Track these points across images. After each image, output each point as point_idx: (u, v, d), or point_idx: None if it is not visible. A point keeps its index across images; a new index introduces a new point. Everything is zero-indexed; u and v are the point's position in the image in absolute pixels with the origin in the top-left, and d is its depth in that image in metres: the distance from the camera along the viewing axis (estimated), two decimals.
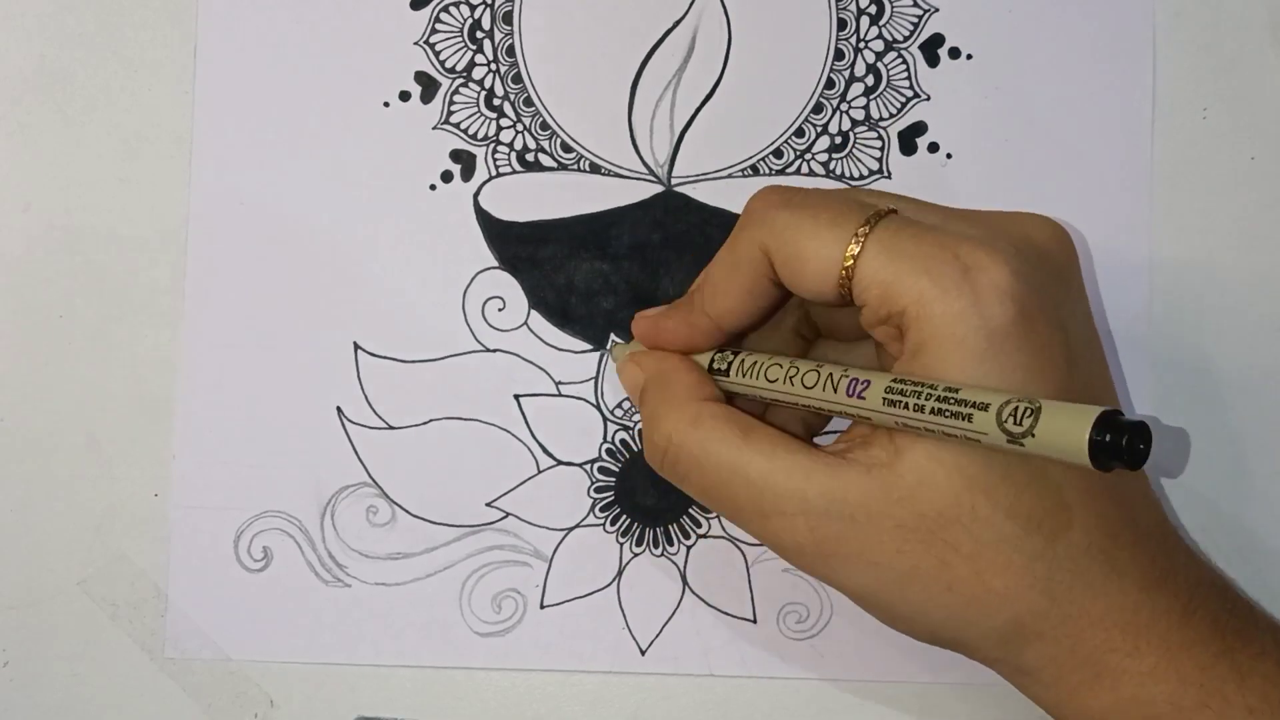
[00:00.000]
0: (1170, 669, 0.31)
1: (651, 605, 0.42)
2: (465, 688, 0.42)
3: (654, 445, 0.35)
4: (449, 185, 0.42)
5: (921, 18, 0.42)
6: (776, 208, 0.33)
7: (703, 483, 0.34)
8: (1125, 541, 0.32)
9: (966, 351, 0.30)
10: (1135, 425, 0.27)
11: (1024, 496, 0.30)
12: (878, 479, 0.31)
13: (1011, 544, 0.30)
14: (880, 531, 0.31)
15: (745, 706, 0.41)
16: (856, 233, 0.32)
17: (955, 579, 0.31)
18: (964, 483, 0.30)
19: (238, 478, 0.42)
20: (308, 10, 0.42)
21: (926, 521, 0.31)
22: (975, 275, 0.30)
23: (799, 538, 0.32)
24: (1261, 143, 0.42)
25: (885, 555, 0.31)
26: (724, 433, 0.33)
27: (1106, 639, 0.31)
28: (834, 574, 0.32)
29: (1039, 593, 0.31)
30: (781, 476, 0.32)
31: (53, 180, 0.42)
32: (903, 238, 0.31)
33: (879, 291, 0.31)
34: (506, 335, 0.42)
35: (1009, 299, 0.30)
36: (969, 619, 0.31)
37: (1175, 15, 0.42)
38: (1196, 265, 0.42)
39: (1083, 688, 0.31)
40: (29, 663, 0.42)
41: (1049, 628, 0.31)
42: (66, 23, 0.43)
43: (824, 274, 0.32)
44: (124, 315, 0.42)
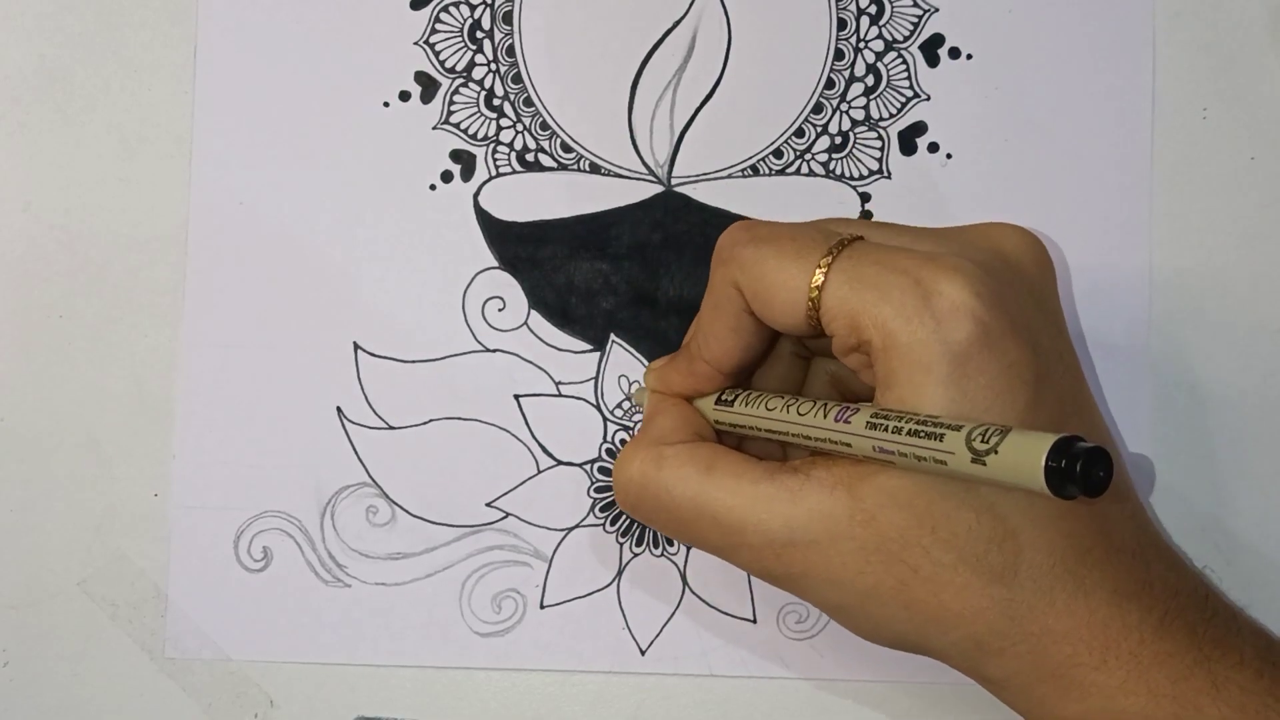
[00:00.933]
0: (1140, 683, 0.31)
1: (651, 605, 0.42)
2: (465, 688, 0.42)
3: (621, 488, 0.35)
4: (449, 185, 0.42)
5: (921, 18, 0.42)
6: (743, 244, 0.34)
7: (670, 522, 0.34)
8: (1095, 558, 0.31)
9: (934, 377, 0.30)
10: (1091, 452, 0.27)
11: (984, 517, 0.31)
12: (840, 501, 0.31)
13: (970, 565, 0.31)
14: (842, 553, 0.31)
15: (745, 706, 0.41)
16: (820, 263, 0.32)
17: (913, 599, 0.31)
18: (924, 505, 0.31)
19: (238, 478, 0.42)
20: (308, 10, 0.42)
21: (888, 543, 0.31)
22: (935, 300, 0.30)
23: (767, 565, 0.33)
24: (1261, 143, 0.42)
25: (847, 575, 0.32)
26: (685, 471, 0.34)
27: (1072, 654, 0.31)
28: (802, 592, 0.33)
29: (997, 613, 0.31)
30: (744, 511, 0.32)
31: (53, 180, 0.42)
32: (864, 264, 0.32)
33: (845, 321, 0.31)
34: (506, 335, 0.42)
35: (970, 319, 0.30)
36: (928, 634, 0.32)
37: (1175, 15, 0.42)
38: (1196, 265, 0.42)
39: (1050, 699, 0.32)
40: (29, 663, 0.42)
41: (1009, 645, 0.31)
42: (66, 23, 0.43)
43: (792, 305, 0.32)
44: (124, 315, 0.42)
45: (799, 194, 0.42)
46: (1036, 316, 0.33)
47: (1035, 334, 0.32)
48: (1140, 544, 0.33)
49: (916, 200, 0.42)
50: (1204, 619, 0.32)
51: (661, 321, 0.42)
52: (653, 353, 0.42)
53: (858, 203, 0.42)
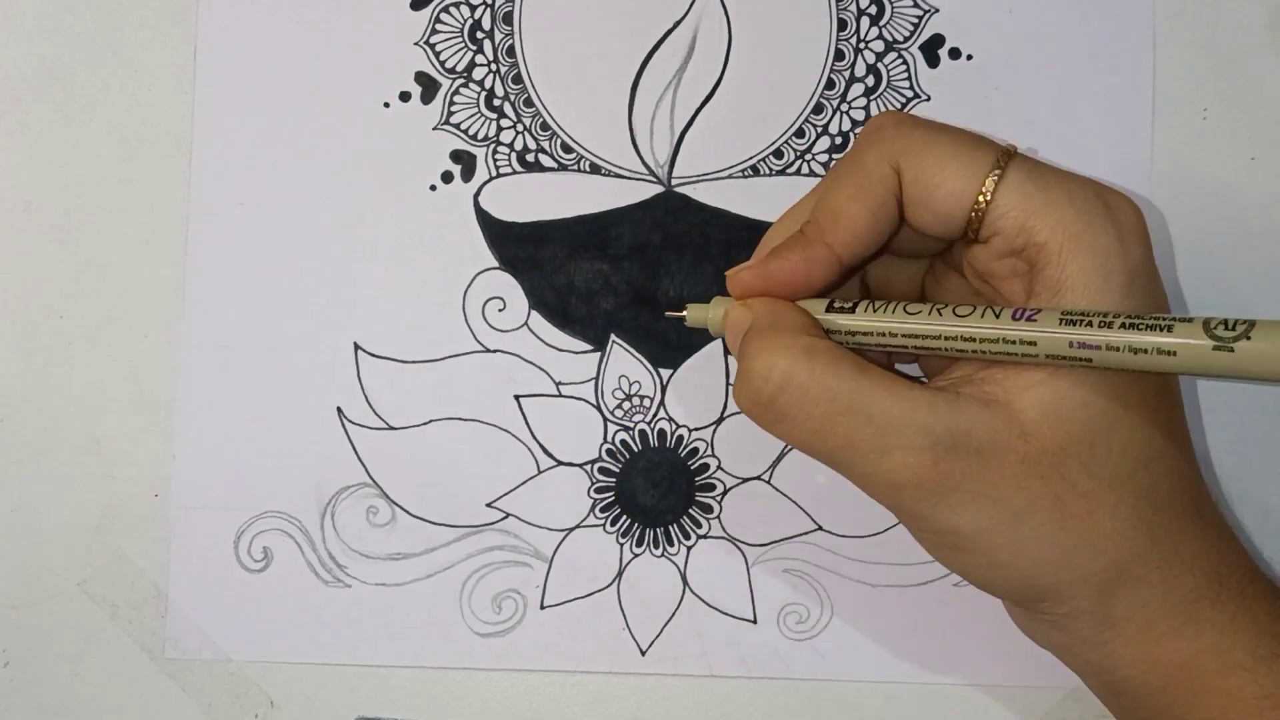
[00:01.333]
0: (1248, 618, 0.31)
1: (651, 605, 0.42)
2: (465, 688, 0.42)
3: (760, 380, 0.32)
4: (449, 186, 0.42)
5: (922, 18, 0.42)
6: (912, 126, 0.33)
7: (814, 420, 0.31)
8: (1204, 495, 0.32)
9: (1113, 285, 0.30)
10: None
11: (1137, 435, 0.31)
12: (1000, 414, 0.31)
13: (1123, 483, 0.31)
14: (1003, 466, 0.31)
15: (745, 707, 0.41)
16: (997, 160, 0.31)
17: (1069, 516, 0.31)
18: (1085, 417, 0.31)
19: (238, 478, 0.42)
20: (308, 10, 0.42)
21: (1048, 456, 0.31)
22: (1117, 214, 0.31)
23: (921, 472, 0.31)
24: (1261, 143, 0.42)
25: (1005, 491, 0.31)
26: (840, 367, 0.31)
27: (1195, 585, 0.31)
28: (947, 511, 0.31)
29: (1142, 535, 0.31)
30: (904, 410, 0.31)
31: (53, 180, 0.42)
32: (1042, 172, 0.32)
33: (1016, 220, 0.31)
34: (506, 335, 0.42)
35: (1144, 242, 0.31)
36: (1075, 561, 0.31)
37: (1175, 15, 0.42)
38: (1196, 266, 0.42)
39: (1167, 637, 0.32)
40: (29, 663, 0.42)
41: (1148, 571, 0.31)
42: (66, 23, 0.42)
43: (958, 199, 0.32)
44: (124, 315, 0.42)
45: (800, 194, 0.42)
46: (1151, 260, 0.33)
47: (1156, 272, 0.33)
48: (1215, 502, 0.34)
49: None
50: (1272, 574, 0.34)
51: (661, 321, 0.42)
52: (653, 353, 0.42)
53: None
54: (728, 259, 0.42)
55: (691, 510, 0.42)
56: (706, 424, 0.42)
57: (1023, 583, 0.32)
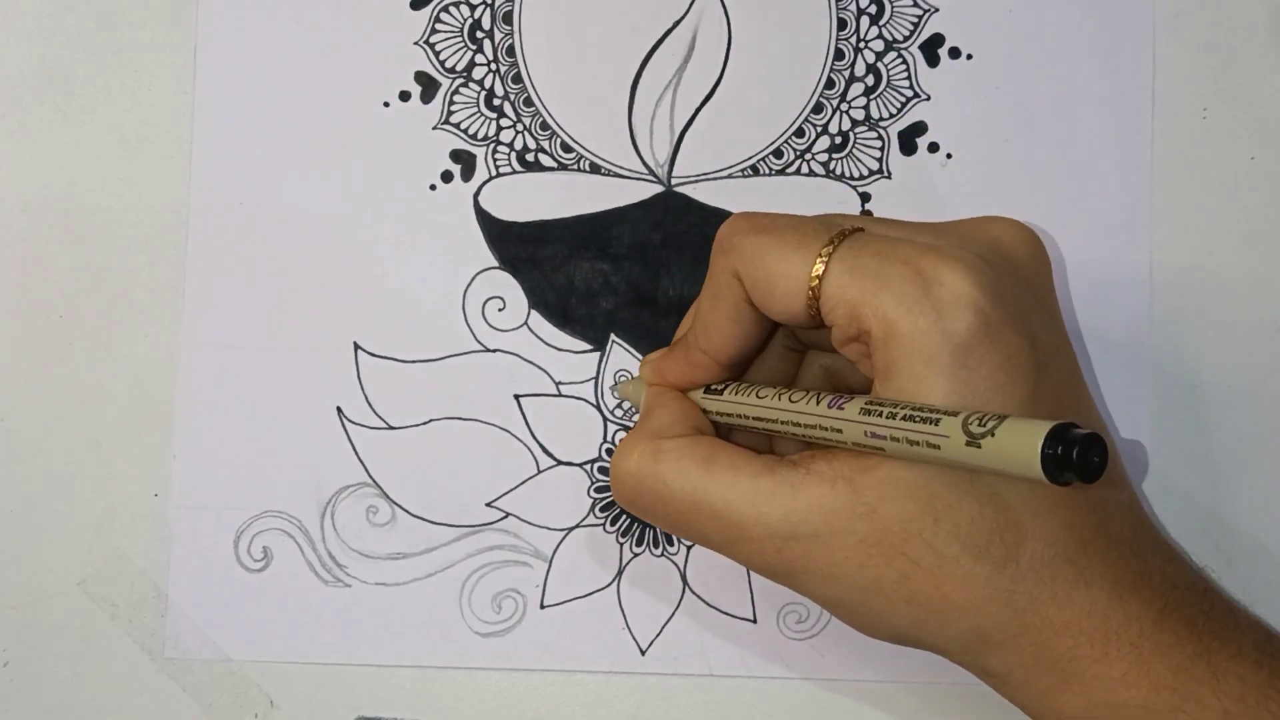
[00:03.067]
0: (1142, 674, 0.31)
1: (651, 605, 0.42)
2: (465, 688, 0.42)
3: (618, 482, 0.35)
4: (449, 185, 0.42)
5: (921, 18, 0.42)
6: (743, 233, 0.33)
7: (667, 516, 0.34)
8: (1095, 549, 0.32)
9: (935, 368, 0.30)
10: (1088, 438, 0.27)
11: (986, 508, 0.31)
12: (840, 494, 0.31)
13: (972, 556, 0.31)
14: (844, 547, 0.31)
15: (745, 707, 0.41)
16: (820, 252, 0.32)
17: (915, 592, 0.31)
18: (926, 497, 0.31)
19: (238, 478, 0.42)
20: (308, 10, 0.42)
21: (889, 536, 0.31)
22: (936, 290, 0.30)
23: (767, 560, 0.32)
24: (1261, 143, 0.42)
25: (849, 569, 0.31)
26: (684, 465, 0.33)
27: (1074, 646, 0.31)
28: (802, 587, 0.33)
29: (1000, 605, 0.31)
30: (744, 504, 0.32)
31: (53, 180, 0.42)
32: (865, 255, 0.31)
33: (845, 311, 0.31)
34: (506, 335, 0.42)
35: (971, 310, 0.30)
36: (930, 628, 0.32)
37: (1175, 15, 0.42)
38: (1196, 266, 0.42)
39: (1052, 691, 0.32)
40: (29, 663, 0.42)
41: (1010, 637, 0.31)
42: (66, 23, 0.43)
43: (792, 295, 0.32)
44: (124, 315, 0.42)
45: (799, 194, 0.42)
46: (1035, 309, 0.33)
47: (1034, 326, 0.32)
48: (1138, 536, 0.33)
49: (916, 200, 0.42)
50: (1202, 611, 0.32)
51: (661, 321, 0.42)
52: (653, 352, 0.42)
53: (858, 203, 0.42)
54: None
55: None
56: None
57: (892, 639, 0.33)
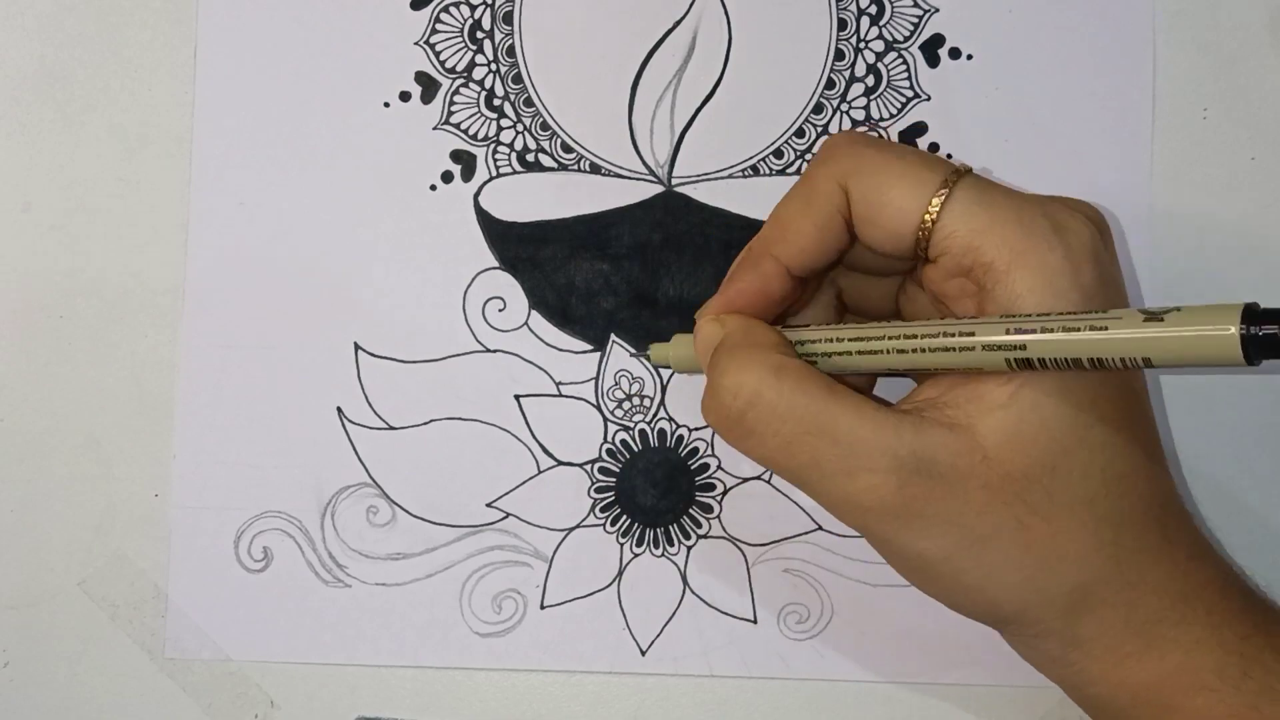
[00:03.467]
0: (1214, 639, 0.31)
1: (652, 605, 0.42)
2: (465, 688, 0.42)
3: (728, 397, 0.32)
4: (449, 185, 0.42)
5: (922, 18, 0.42)
6: (863, 145, 0.33)
7: (780, 437, 0.31)
8: (1173, 511, 0.32)
9: (1065, 303, 0.30)
10: (1277, 312, 0.26)
11: (1097, 456, 0.31)
12: (963, 438, 0.31)
13: (1086, 506, 0.31)
14: (966, 491, 0.31)
15: (745, 707, 0.41)
16: (946, 179, 0.32)
17: (1032, 540, 0.31)
18: (1048, 438, 0.30)
19: (238, 478, 0.42)
20: (308, 10, 0.42)
21: (1010, 481, 0.30)
22: (1066, 234, 0.31)
23: (885, 495, 0.31)
24: (1261, 143, 0.42)
25: (969, 515, 0.31)
26: (807, 385, 0.31)
27: (1159, 607, 0.31)
28: (912, 536, 0.31)
29: (1106, 558, 0.31)
30: (869, 432, 0.31)
31: (53, 180, 0.42)
32: (991, 191, 0.32)
33: (963, 241, 0.31)
34: (507, 335, 0.42)
35: (1095, 260, 0.31)
36: (1039, 584, 0.31)
37: (1175, 15, 0.42)
38: (1196, 265, 0.42)
39: (1132, 658, 0.32)
40: (29, 663, 0.42)
41: (1112, 594, 0.31)
42: (66, 23, 0.43)
43: (905, 217, 0.32)
44: (124, 315, 0.42)
45: None
46: (1120, 277, 0.33)
47: (1123, 292, 0.33)
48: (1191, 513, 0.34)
49: None
50: (1248, 587, 0.33)
51: (662, 321, 0.42)
52: None
53: None
54: (728, 259, 0.42)
55: (691, 510, 0.42)
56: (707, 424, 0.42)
57: (990, 604, 0.32)
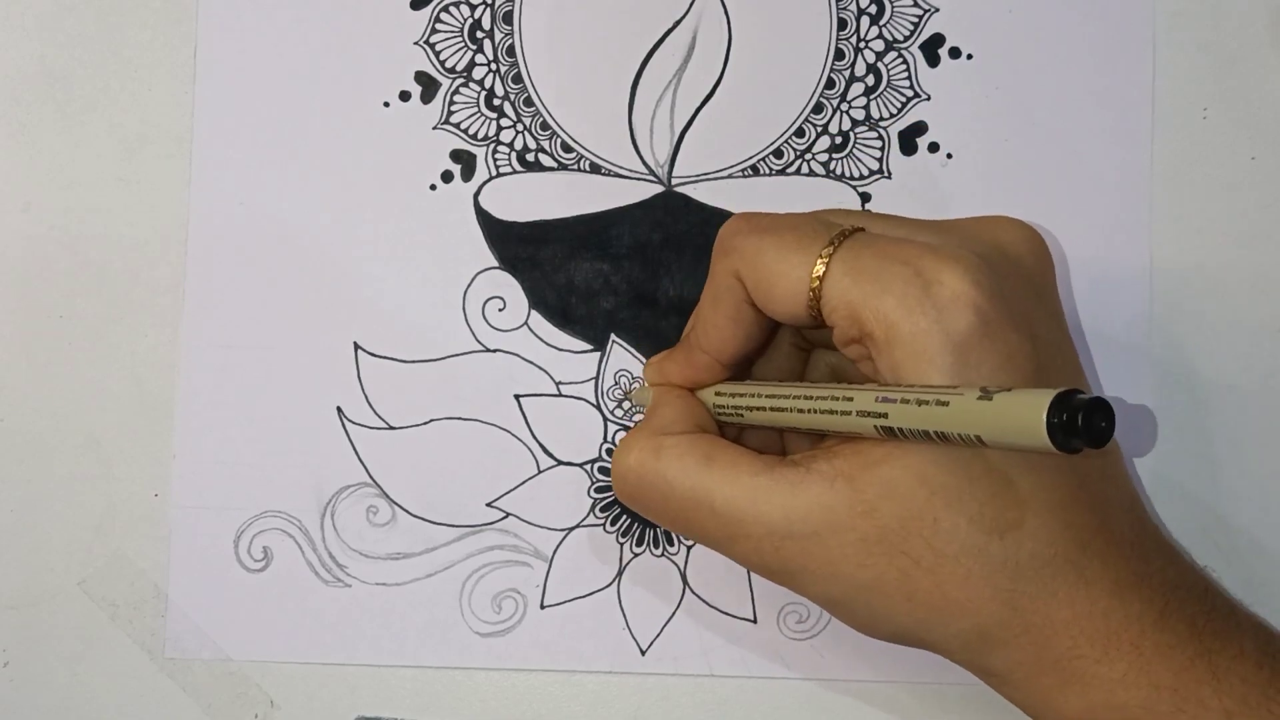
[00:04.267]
0: (1142, 675, 0.31)
1: (652, 605, 0.42)
2: (465, 688, 0.42)
3: (619, 477, 0.35)
4: (449, 185, 0.42)
5: (922, 18, 0.42)
6: (744, 234, 0.34)
7: (667, 512, 0.34)
8: (1096, 548, 0.32)
9: (936, 368, 0.30)
10: (1093, 402, 0.27)
11: (987, 507, 0.31)
12: (840, 492, 0.31)
13: (972, 555, 0.31)
14: (843, 545, 0.31)
15: (745, 707, 0.41)
16: (821, 253, 0.32)
17: (916, 590, 0.31)
18: (927, 493, 0.31)
19: (238, 478, 0.42)
20: (308, 10, 0.42)
21: (889, 534, 0.31)
22: (936, 290, 0.31)
23: (765, 558, 0.32)
24: (1261, 143, 0.42)
25: (848, 568, 0.31)
26: (684, 462, 0.33)
27: (1073, 646, 0.31)
28: (800, 587, 0.33)
29: (1000, 603, 0.31)
30: (744, 502, 0.32)
31: (53, 180, 0.42)
32: (865, 256, 0.32)
33: (846, 313, 0.32)
34: (507, 335, 0.42)
35: (970, 309, 0.31)
36: (930, 626, 0.32)
37: (1175, 15, 0.42)
38: (1196, 265, 0.42)
39: (1053, 692, 0.32)
40: (29, 663, 0.42)
41: (1012, 636, 0.31)
42: (66, 23, 0.43)
43: (793, 296, 0.32)
44: (124, 315, 0.42)
45: (799, 194, 0.42)
46: (1036, 308, 0.33)
47: (1034, 325, 0.32)
48: (1139, 536, 0.33)
49: (917, 200, 0.42)
50: (1203, 611, 0.32)
51: (662, 321, 0.42)
52: (653, 353, 0.42)
53: (858, 203, 0.42)
54: None
55: None
56: None
57: (891, 638, 0.33)
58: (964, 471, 0.31)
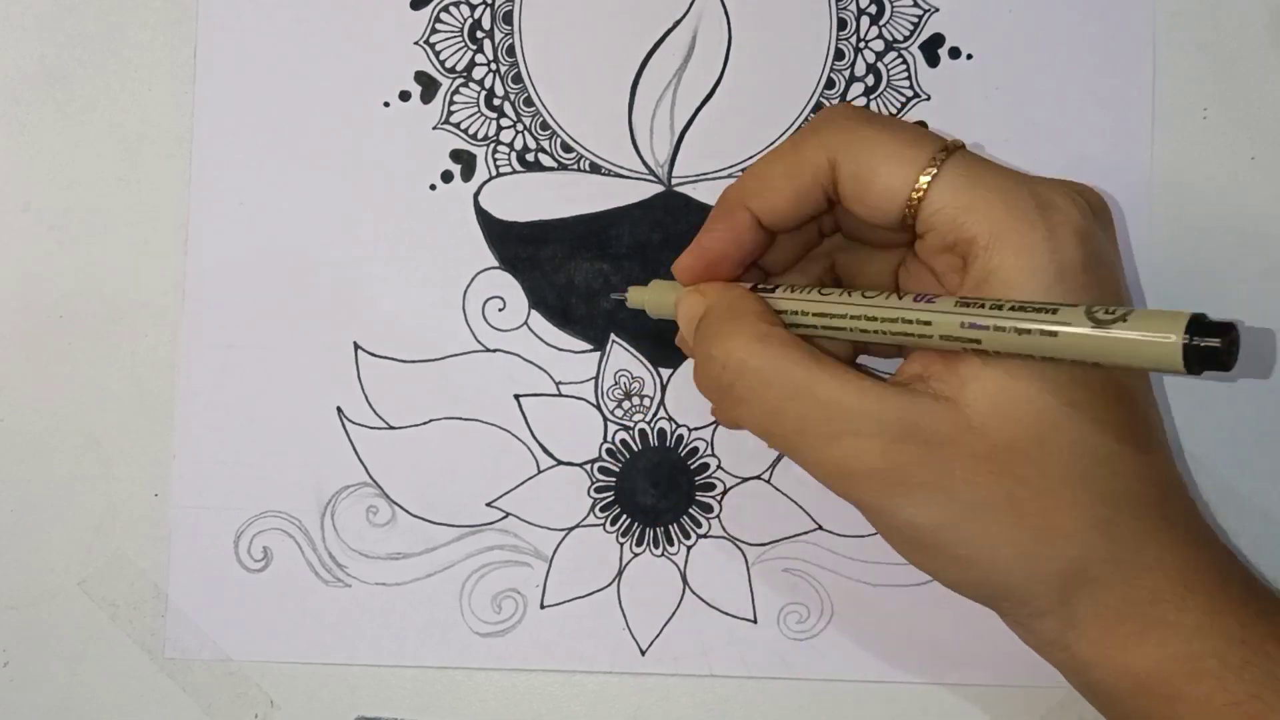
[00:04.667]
0: (1215, 625, 0.31)
1: (651, 605, 0.42)
2: (465, 688, 0.42)
3: (715, 365, 0.33)
4: (449, 185, 0.42)
5: (922, 18, 0.42)
6: (855, 121, 0.33)
7: (767, 404, 0.32)
8: (1174, 497, 0.32)
9: (1037, 282, 0.30)
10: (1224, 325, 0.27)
11: (1086, 438, 0.31)
12: (948, 407, 0.31)
13: (1077, 483, 0.30)
14: (954, 459, 0.30)
15: (745, 707, 0.41)
16: (934, 157, 0.32)
17: (1023, 513, 0.30)
18: (1033, 414, 0.30)
19: (238, 478, 0.42)
20: (308, 10, 0.42)
21: (998, 452, 0.30)
22: (1050, 211, 0.31)
23: (871, 460, 0.31)
24: (1261, 143, 0.42)
25: (956, 484, 0.30)
26: (793, 354, 0.32)
27: (1157, 589, 0.31)
28: (900, 503, 0.31)
29: (1100, 534, 0.31)
30: (854, 397, 0.31)
31: (53, 180, 0.42)
32: (979, 168, 0.32)
33: (950, 215, 0.31)
34: (507, 335, 0.42)
35: (1081, 238, 0.31)
36: (1032, 559, 0.31)
37: (1175, 15, 0.42)
38: (1197, 265, 0.42)
39: (1131, 641, 0.31)
40: (29, 663, 0.42)
41: (1107, 572, 0.31)
42: (66, 23, 0.43)
43: (892, 192, 0.32)
44: (124, 315, 0.42)
45: None
46: (1116, 258, 0.33)
47: (1117, 272, 0.32)
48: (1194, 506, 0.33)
49: None
50: (1250, 577, 0.33)
51: (662, 322, 0.42)
52: (653, 353, 0.42)
53: None
54: None
55: (691, 510, 0.42)
56: (706, 423, 0.42)
57: (983, 579, 0.32)
58: (1067, 397, 0.30)
